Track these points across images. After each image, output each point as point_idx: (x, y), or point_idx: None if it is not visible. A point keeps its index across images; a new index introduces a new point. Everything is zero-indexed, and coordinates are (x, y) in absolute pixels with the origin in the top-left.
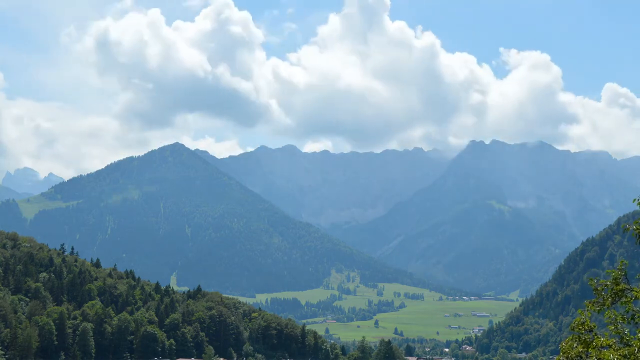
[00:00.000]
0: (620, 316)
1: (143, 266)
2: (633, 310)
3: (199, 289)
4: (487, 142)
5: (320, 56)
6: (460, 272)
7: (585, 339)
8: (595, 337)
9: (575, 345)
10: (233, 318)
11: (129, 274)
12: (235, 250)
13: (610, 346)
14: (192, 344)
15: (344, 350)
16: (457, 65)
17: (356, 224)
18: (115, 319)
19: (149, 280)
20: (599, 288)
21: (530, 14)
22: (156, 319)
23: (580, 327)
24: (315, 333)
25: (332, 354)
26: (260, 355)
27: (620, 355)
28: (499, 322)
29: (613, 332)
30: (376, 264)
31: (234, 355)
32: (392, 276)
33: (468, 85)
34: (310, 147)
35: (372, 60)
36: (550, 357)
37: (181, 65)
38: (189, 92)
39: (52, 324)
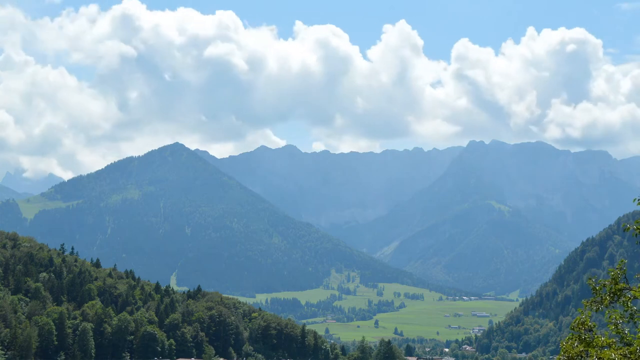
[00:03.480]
0: (619, 315)
1: (143, 266)
2: (632, 310)
3: (199, 289)
4: (487, 142)
5: None
6: (460, 272)
7: (585, 338)
8: (596, 336)
9: (575, 345)
10: (233, 318)
11: (129, 274)
12: (235, 250)
13: (610, 346)
14: (192, 344)
15: (344, 350)
16: None
17: (356, 224)
18: (115, 319)
19: (149, 280)
20: (597, 287)
21: None
22: (156, 319)
23: (581, 327)
24: (315, 333)
25: (332, 354)
26: (260, 355)
27: (620, 354)
28: (499, 322)
29: (613, 332)
30: (376, 264)
31: (234, 355)
32: (392, 276)
33: None
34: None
35: None
36: (550, 357)
37: None
38: None
39: (52, 324)
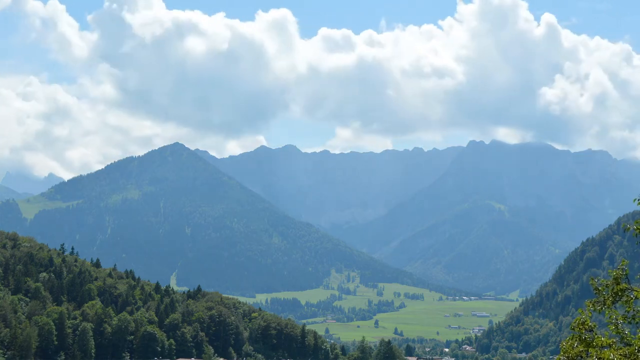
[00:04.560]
0: (621, 316)
1: (143, 266)
2: (634, 310)
3: (199, 289)
4: (487, 142)
5: None
6: (460, 272)
7: (585, 338)
8: (596, 336)
9: (575, 345)
10: (233, 318)
11: (129, 274)
12: (235, 250)
13: (610, 346)
14: (192, 344)
15: (344, 350)
16: None
17: (356, 224)
18: (115, 319)
19: (149, 280)
20: (599, 288)
21: None
22: (156, 319)
23: (581, 327)
24: (315, 333)
25: (332, 354)
26: (260, 355)
27: (620, 354)
28: (499, 322)
29: (613, 332)
30: (376, 264)
31: (234, 355)
32: (392, 276)
33: None
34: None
35: None
36: (550, 357)
37: None
38: None
39: (52, 324)
